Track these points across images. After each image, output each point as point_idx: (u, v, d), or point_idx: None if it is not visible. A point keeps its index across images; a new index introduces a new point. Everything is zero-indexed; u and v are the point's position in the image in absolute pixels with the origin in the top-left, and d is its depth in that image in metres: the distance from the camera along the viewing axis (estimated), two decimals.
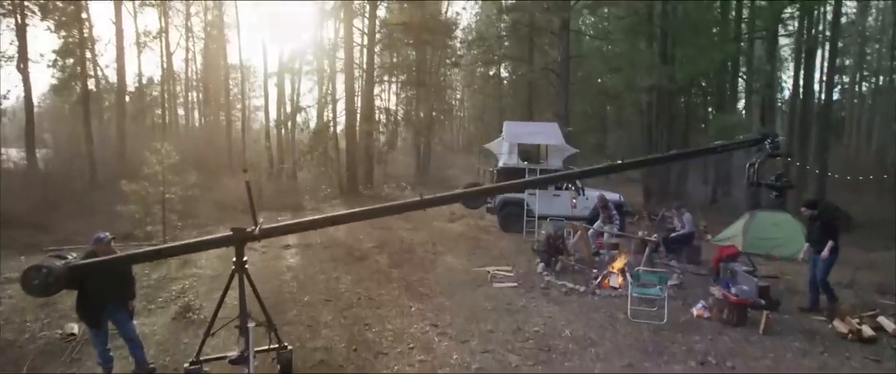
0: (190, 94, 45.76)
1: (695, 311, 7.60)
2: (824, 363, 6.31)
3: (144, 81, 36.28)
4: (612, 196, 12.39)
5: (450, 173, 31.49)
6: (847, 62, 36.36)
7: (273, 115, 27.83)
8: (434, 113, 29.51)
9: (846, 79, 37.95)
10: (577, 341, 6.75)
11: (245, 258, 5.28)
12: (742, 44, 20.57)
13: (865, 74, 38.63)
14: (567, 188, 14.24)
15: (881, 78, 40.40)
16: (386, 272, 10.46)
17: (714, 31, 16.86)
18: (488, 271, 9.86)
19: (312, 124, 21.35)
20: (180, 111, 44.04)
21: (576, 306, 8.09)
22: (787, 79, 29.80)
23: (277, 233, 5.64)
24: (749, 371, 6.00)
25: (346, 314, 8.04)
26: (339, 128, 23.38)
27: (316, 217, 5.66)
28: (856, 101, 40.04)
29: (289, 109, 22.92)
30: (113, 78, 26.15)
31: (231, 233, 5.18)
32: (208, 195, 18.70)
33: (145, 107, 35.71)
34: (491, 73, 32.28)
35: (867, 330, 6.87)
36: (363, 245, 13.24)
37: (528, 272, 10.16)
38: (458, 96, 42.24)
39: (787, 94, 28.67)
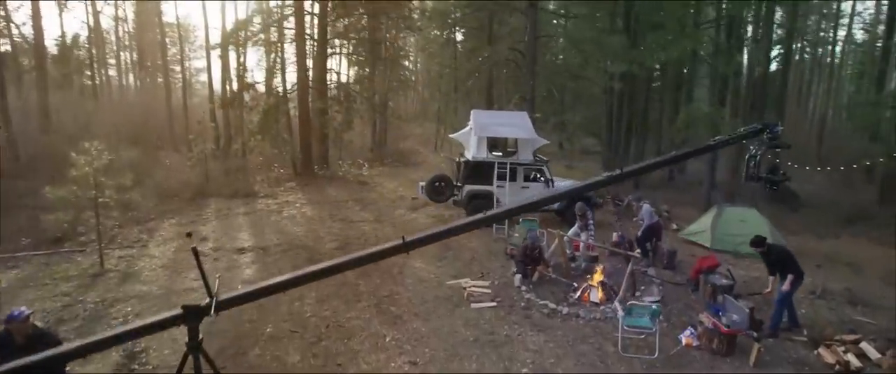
0: (122, 54, 42.07)
1: (683, 339, 7.36)
2: None
3: (68, 41, 32.91)
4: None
5: (407, 146, 30.55)
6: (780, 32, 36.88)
7: (217, 78, 25.76)
8: (390, 83, 28.23)
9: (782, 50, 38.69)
10: None
11: (200, 336, 4.43)
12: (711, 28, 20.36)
13: (804, 45, 39.52)
14: (536, 179, 13.79)
15: (819, 49, 41.74)
16: (353, 286, 9.73)
17: (682, 15, 16.45)
18: (464, 288, 9.31)
19: (262, 103, 19.74)
20: (112, 73, 40.52)
21: (561, 334, 7.69)
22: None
23: (239, 302, 4.78)
24: None
25: (315, 350, 7.33)
26: (292, 106, 21.85)
27: (285, 278, 4.81)
28: (798, 74, 41.16)
29: (235, 85, 21.11)
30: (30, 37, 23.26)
31: (181, 310, 4.31)
32: (150, 181, 17.15)
33: (72, 70, 32.47)
34: (446, 36, 30.95)
35: (854, 361, 6.83)
36: (325, 246, 12.40)
37: (504, 285, 9.69)
38: (412, 60, 40.63)
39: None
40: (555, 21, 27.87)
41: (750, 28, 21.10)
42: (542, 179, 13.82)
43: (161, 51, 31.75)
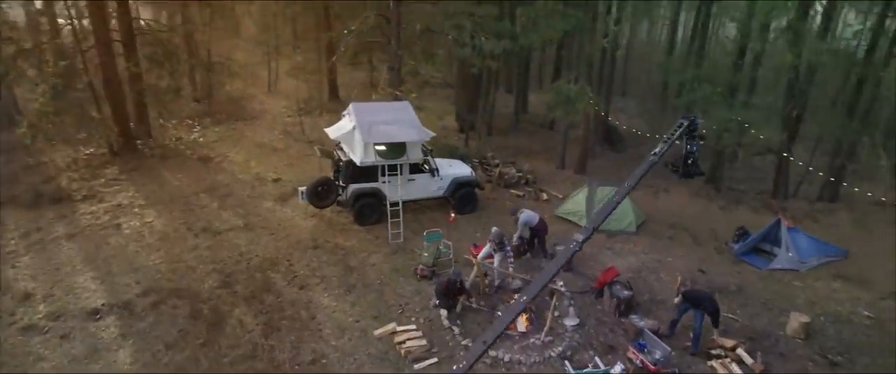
0: None
1: (613, 371, 8.18)
2: None
3: None
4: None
5: (237, 91, 26.49)
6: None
7: None
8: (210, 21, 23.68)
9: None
10: None
11: None
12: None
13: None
14: (422, 171, 13.33)
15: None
16: (253, 347, 8.70)
17: None
18: (396, 341, 8.90)
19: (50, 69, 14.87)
20: None
21: None
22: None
23: None
24: None
25: None
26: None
27: None
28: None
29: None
30: None
31: None
32: None
33: None
34: None
35: (737, 370, 8.40)
36: (204, 284, 10.60)
37: (430, 324, 9.49)
38: None
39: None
40: None
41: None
42: (427, 168, 13.40)
43: None
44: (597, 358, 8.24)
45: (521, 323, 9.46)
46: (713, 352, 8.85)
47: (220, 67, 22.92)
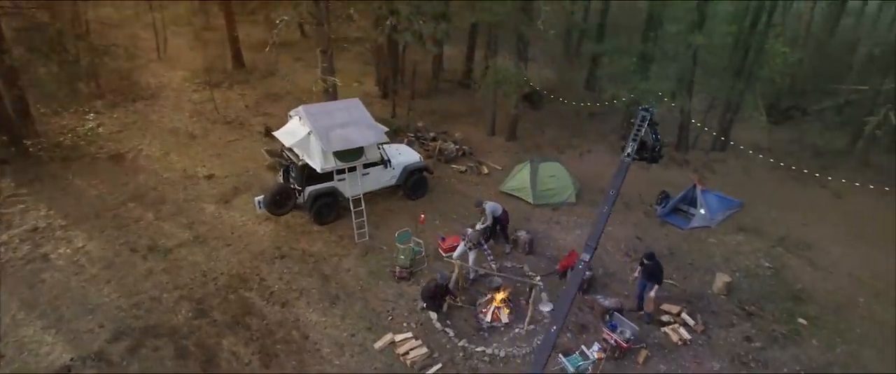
0: None
1: (596, 354, 9.49)
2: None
3: None
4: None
5: (123, 65, 23.27)
6: None
7: None
8: None
9: None
10: None
11: None
12: None
13: None
14: (375, 164, 13.40)
15: None
16: None
17: None
18: (398, 352, 9.46)
19: None
20: None
21: None
22: None
23: None
24: None
25: None
26: None
27: None
28: None
29: None
30: None
31: None
32: None
33: None
34: None
35: (685, 334, 10.16)
36: (176, 316, 10.18)
37: (423, 327, 10.14)
38: None
39: None
40: None
41: None
42: (381, 162, 13.48)
43: None
44: (582, 346, 9.47)
45: (504, 313, 10.45)
46: (664, 319, 10.53)
47: (99, 35, 20.02)
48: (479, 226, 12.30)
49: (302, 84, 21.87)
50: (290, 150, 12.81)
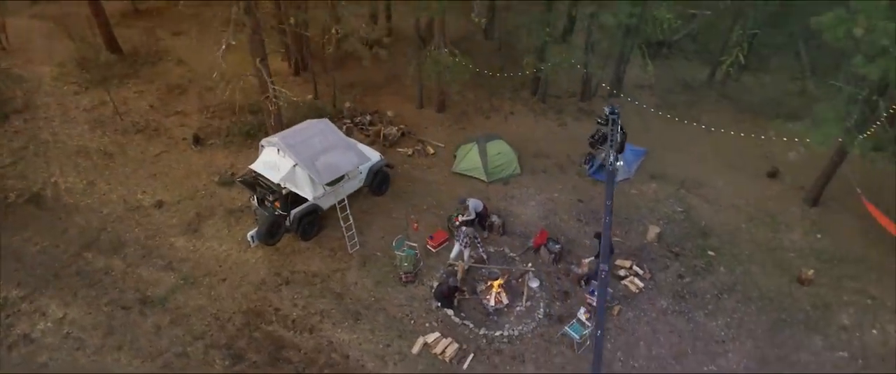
0: None
1: (583, 316, 11.95)
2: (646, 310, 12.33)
3: None
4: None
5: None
6: None
7: None
8: None
9: None
10: None
11: None
12: None
13: None
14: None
15: None
16: None
17: None
18: (434, 352, 10.98)
19: None
20: None
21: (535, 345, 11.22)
22: None
23: None
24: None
25: None
26: None
27: None
28: None
29: None
30: None
31: None
32: None
33: None
34: None
35: (638, 283, 13.02)
36: (213, 369, 10.52)
37: (441, 324, 11.70)
38: None
39: None
40: None
41: None
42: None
43: None
44: (579, 315, 11.83)
45: (503, 296, 12.38)
46: (621, 274, 13.28)
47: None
48: (463, 218, 13.66)
49: (199, 68, 20.26)
50: (260, 175, 12.77)
